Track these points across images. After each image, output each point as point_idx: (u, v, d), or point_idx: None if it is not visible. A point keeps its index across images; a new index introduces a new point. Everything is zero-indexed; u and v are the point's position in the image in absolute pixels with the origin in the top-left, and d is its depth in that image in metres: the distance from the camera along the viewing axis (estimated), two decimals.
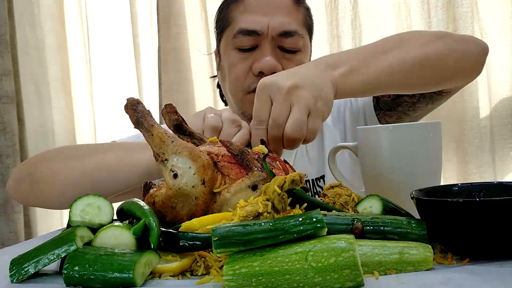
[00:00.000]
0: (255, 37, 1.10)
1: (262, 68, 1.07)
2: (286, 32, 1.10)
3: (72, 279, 0.49)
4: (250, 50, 1.11)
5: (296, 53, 1.13)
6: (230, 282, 0.46)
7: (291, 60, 1.12)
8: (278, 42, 1.11)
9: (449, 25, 1.69)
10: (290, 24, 1.11)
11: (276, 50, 1.11)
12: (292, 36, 1.11)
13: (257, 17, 1.10)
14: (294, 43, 1.11)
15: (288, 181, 0.55)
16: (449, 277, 0.47)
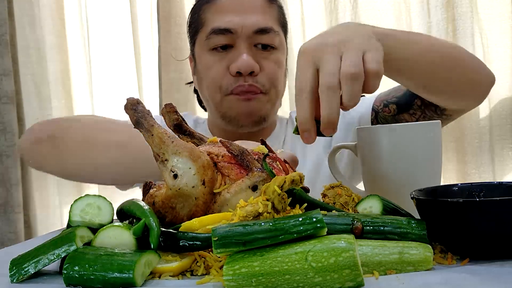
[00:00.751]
0: (229, 36, 1.08)
1: (239, 68, 1.06)
2: (262, 29, 1.08)
3: (72, 279, 0.49)
4: (226, 50, 1.09)
5: (272, 51, 1.11)
6: (230, 282, 0.46)
7: (268, 59, 1.11)
8: (253, 41, 1.09)
9: (448, 25, 1.69)
10: (265, 22, 1.09)
11: (252, 49, 1.09)
12: (268, 33, 1.09)
13: (230, 16, 1.08)
14: (270, 40, 1.10)
15: (288, 181, 0.55)
16: (449, 277, 0.47)
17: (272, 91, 1.12)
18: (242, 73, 1.06)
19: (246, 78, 1.08)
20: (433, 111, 1.05)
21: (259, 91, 1.10)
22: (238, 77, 1.08)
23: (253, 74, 1.08)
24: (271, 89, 1.12)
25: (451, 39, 1.69)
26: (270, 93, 1.12)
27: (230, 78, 1.08)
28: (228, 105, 1.11)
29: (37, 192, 1.96)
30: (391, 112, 1.11)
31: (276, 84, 1.13)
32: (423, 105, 1.05)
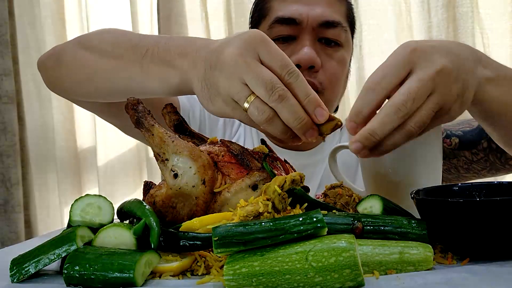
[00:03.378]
0: (293, 27, 1.00)
1: (299, 60, 0.97)
2: (329, 22, 1.00)
3: (72, 279, 0.49)
4: (287, 42, 1.01)
5: (338, 48, 1.03)
6: (231, 282, 0.46)
7: (331, 57, 1.03)
8: (318, 34, 1.01)
9: (449, 25, 1.70)
10: (332, 15, 1.01)
11: (316, 43, 1.01)
12: (334, 27, 1.01)
13: (297, 6, 1.01)
14: (336, 35, 1.02)
15: (288, 181, 0.55)
16: (449, 277, 0.47)
17: (329, 92, 1.04)
18: (301, 67, 0.98)
19: (305, 73, 0.98)
20: (497, 158, 0.98)
21: (315, 89, 0.99)
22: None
23: (313, 70, 1.00)
24: (329, 89, 1.03)
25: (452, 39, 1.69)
26: (327, 93, 1.04)
27: None
28: None
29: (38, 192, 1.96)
30: (451, 145, 1.01)
31: (335, 85, 1.05)
32: (489, 149, 0.97)
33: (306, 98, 0.59)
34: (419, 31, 1.74)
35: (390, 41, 1.76)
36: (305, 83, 0.60)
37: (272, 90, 0.58)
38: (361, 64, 1.78)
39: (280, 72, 0.60)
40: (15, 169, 1.86)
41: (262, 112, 0.59)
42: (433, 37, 1.72)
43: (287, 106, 0.58)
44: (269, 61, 0.60)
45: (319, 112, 0.59)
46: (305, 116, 0.59)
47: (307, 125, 0.59)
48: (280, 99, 0.58)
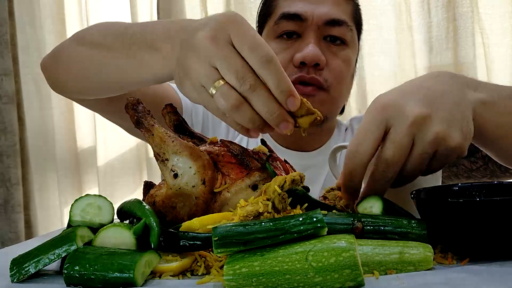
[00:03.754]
0: (298, 23, 1.00)
1: (304, 58, 0.97)
2: (334, 21, 1.00)
3: (72, 278, 0.49)
4: (292, 39, 1.01)
5: (343, 46, 1.03)
6: (231, 281, 0.46)
7: (336, 55, 1.02)
8: (324, 32, 1.01)
9: (449, 25, 1.70)
10: (338, 13, 1.02)
11: (321, 41, 1.01)
12: (340, 25, 1.01)
13: (302, 3, 1.01)
14: (342, 33, 1.02)
15: (288, 181, 0.55)
16: (449, 277, 0.47)
17: (335, 90, 1.03)
18: (306, 64, 0.98)
19: (310, 70, 0.99)
20: (497, 166, 0.97)
21: (320, 86, 1.01)
22: (302, 68, 0.99)
23: (318, 68, 1.00)
24: (334, 87, 1.03)
25: (452, 39, 1.69)
26: (332, 91, 1.03)
27: (293, 69, 1.00)
28: None
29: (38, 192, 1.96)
30: None
31: (340, 83, 1.05)
32: (488, 157, 0.94)
33: (278, 87, 0.56)
34: (419, 31, 1.74)
35: (390, 41, 1.76)
36: (277, 69, 0.56)
37: (243, 79, 0.56)
38: (361, 64, 1.78)
39: (250, 56, 0.56)
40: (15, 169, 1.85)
41: (229, 98, 0.56)
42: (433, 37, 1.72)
43: (258, 96, 0.56)
44: (239, 45, 0.57)
45: (291, 102, 0.56)
46: (278, 108, 0.56)
47: (280, 117, 0.56)
48: (251, 90, 0.56)
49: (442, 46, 1.71)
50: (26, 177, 1.93)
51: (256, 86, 0.56)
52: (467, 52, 1.67)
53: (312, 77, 0.99)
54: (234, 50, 0.57)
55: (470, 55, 1.66)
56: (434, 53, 1.72)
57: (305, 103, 0.57)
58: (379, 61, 1.77)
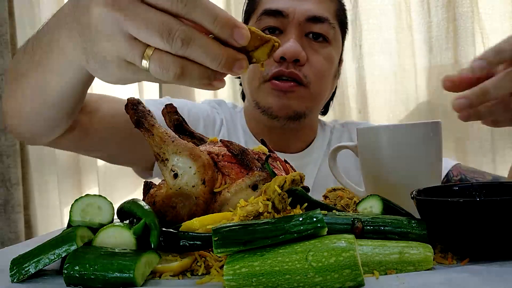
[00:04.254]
0: (280, 19, 1.00)
1: (284, 53, 0.97)
2: (316, 17, 1.01)
3: (72, 278, 0.49)
4: (275, 35, 1.01)
5: (325, 44, 1.03)
6: (231, 281, 0.46)
7: (318, 52, 1.02)
8: (305, 29, 1.01)
9: (449, 25, 1.70)
10: (320, 10, 1.02)
11: (302, 38, 1.01)
12: (322, 22, 1.01)
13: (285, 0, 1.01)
14: (324, 30, 1.02)
15: (288, 181, 0.55)
16: (449, 277, 0.47)
17: (314, 86, 1.03)
18: (286, 59, 0.98)
19: (289, 65, 0.99)
20: None
21: (300, 81, 1.00)
22: (282, 63, 0.99)
23: (298, 63, 0.99)
24: (314, 83, 1.03)
25: (452, 39, 1.69)
26: (312, 87, 1.03)
27: (273, 63, 0.99)
28: (263, 93, 1.02)
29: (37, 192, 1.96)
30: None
31: (321, 80, 1.04)
32: None
33: (215, 24, 0.46)
34: (419, 31, 1.74)
35: (390, 41, 1.76)
36: (206, 4, 0.46)
37: (170, 35, 0.45)
38: (361, 63, 1.78)
39: (165, 1, 0.46)
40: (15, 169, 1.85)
41: (168, 67, 0.46)
42: (433, 37, 1.72)
43: (197, 48, 0.46)
44: None
45: (238, 34, 0.46)
46: (223, 50, 0.47)
47: (229, 59, 0.47)
48: (185, 45, 0.45)
49: (442, 46, 1.70)
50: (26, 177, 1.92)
51: (188, 37, 0.45)
52: (467, 52, 1.67)
53: (291, 72, 0.99)
54: (142, 3, 0.46)
55: (470, 55, 1.66)
56: (434, 53, 1.72)
57: (254, 31, 0.48)
58: (379, 61, 1.77)
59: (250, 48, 0.49)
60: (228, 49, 0.47)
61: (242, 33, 0.46)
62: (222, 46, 0.47)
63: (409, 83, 1.75)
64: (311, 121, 1.13)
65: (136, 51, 0.46)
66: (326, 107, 1.23)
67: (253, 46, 0.49)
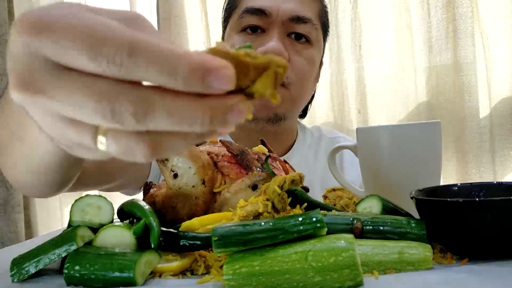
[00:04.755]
0: (262, 18, 0.99)
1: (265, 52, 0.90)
2: (299, 18, 0.99)
3: (72, 278, 0.49)
4: (256, 34, 0.99)
5: (307, 45, 1.02)
6: (230, 281, 0.46)
7: (300, 53, 1.01)
8: (288, 29, 0.99)
9: (449, 25, 1.70)
10: (303, 11, 1.00)
11: (285, 38, 0.99)
12: (305, 23, 1.00)
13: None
14: (307, 31, 1.00)
15: (288, 181, 0.55)
16: (449, 277, 0.47)
17: (295, 88, 1.01)
18: None
19: None
20: None
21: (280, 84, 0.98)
22: None
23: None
24: (295, 85, 1.01)
25: (452, 39, 1.69)
26: (292, 90, 1.01)
27: None
28: None
29: None
30: None
31: (302, 82, 1.02)
32: None
33: (175, 78, 0.28)
34: (419, 31, 1.74)
35: (390, 41, 1.76)
36: (152, 52, 0.28)
37: (115, 114, 0.28)
38: (360, 64, 1.78)
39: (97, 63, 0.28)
40: None
41: (131, 149, 0.30)
42: (432, 37, 1.72)
43: (162, 117, 0.29)
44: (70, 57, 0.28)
45: (215, 80, 0.28)
46: (203, 105, 0.29)
47: (217, 113, 0.29)
48: (141, 120, 0.28)
49: (442, 46, 1.71)
50: None
51: (142, 108, 0.28)
52: (467, 52, 1.67)
53: None
54: (64, 72, 0.29)
55: (470, 55, 1.66)
56: (434, 53, 1.72)
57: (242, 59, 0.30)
58: (378, 61, 1.78)
59: (245, 83, 0.31)
60: (209, 100, 0.29)
61: (221, 75, 0.28)
62: (200, 100, 0.29)
63: (409, 84, 1.75)
64: (290, 124, 1.11)
65: (83, 135, 0.31)
66: (304, 110, 1.21)
67: (248, 80, 0.31)
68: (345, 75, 1.79)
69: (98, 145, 0.31)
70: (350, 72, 1.79)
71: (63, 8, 0.29)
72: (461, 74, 1.68)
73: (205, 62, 0.29)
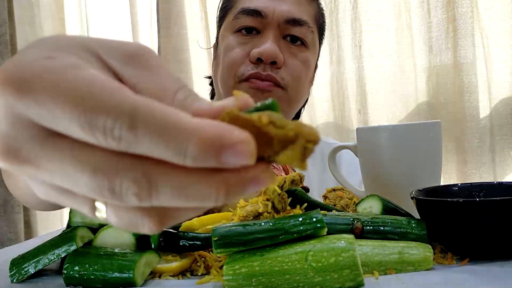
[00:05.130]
0: (258, 19, 0.98)
1: (261, 54, 0.94)
2: (295, 20, 0.98)
3: (72, 279, 0.49)
4: (251, 35, 0.99)
5: (303, 48, 1.01)
6: (230, 282, 0.46)
7: (295, 56, 1.00)
8: (284, 31, 0.99)
9: (449, 25, 1.70)
10: (300, 13, 0.99)
11: (280, 40, 0.99)
12: (301, 25, 0.99)
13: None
14: (303, 34, 0.99)
15: (288, 181, 0.55)
16: (449, 277, 0.47)
17: (292, 90, 1.00)
18: (263, 61, 0.95)
19: (266, 67, 0.96)
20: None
21: (277, 83, 0.97)
22: (258, 64, 0.96)
23: (275, 66, 0.97)
24: (291, 87, 1.00)
25: (452, 39, 1.69)
26: (290, 91, 1.00)
27: (249, 64, 0.96)
28: None
29: None
30: None
31: (298, 84, 1.01)
32: None
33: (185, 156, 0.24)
34: (419, 31, 1.74)
35: (390, 41, 1.76)
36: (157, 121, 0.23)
37: (114, 189, 0.24)
38: (361, 64, 1.78)
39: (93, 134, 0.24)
40: None
41: (135, 223, 0.27)
42: (432, 37, 1.72)
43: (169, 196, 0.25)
44: (56, 122, 0.24)
45: (233, 158, 0.24)
46: (216, 182, 0.25)
47: (234, 187, 0.25)
48: (145, 198, 0.24)
49: (442, 46, 1.70)
50: None
51: (145, 185, 0.24)
52: (467, 52, 1.67)
53: (269, 74, 0.96)
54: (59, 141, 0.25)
55: (470, 55, 1.66)
56: (434, 53, 1.72)
57: (268, 130, 0.25)
58: (378, 61, 1.77)
59: (267, 153, 0.27)
60: (225, 175, 0.25)
61: (239, 151, 0.24)
62: (213, 175, 0.25)
63: (409, 84, 1.75)
64: None
65: (80, 205, 0.28)
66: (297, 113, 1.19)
67: (271, 151, 0.26)
68: (345, 75, 1.79)
69: (96, 214, 0.28)
70: (350, 72, 1.79)
71: (48, 57, 0.25)
72: (461, 74, 1.68)
73: (220, 136, 0.24)
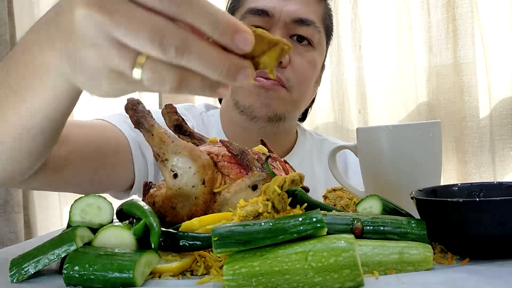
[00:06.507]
0: (265, 19, 0.98)
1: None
2: (302, 20, 0.99)
3: (72, 279, 0.49)
4: None
5: (309, 47, 1.02)
6: (230, 282, 0.46)
7: (302, 56, 1.00)
8: (291, 31, 0.99)
9: (449, 25, 1.70)
10: (307, 13, 1.00)
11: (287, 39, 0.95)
12: (308, 25, 0.99)
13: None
14: (309, 34, 1.00)
15: (288, 181, 0.55)
16: (449, 277, 0.47)
17: (296, 91, 1.01)
18: None
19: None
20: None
21: (282, 85, 0.98)
22: None
23: (281, 66, 0.98)
24: (296, 87, 1.01)
25: (451, 39, 1.69)
26: (293, 92, 1.01)
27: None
28: (244, 92, 0.99)
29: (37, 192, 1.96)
30: None
31: (303, 85, 1.02)
32: None
33: (214, 28, 0.39)
34: (419, 31, 1.74)
35: (389, 41, 1.76)
36: (203, 4, 0.39)
37: (162, 42, 0.38)
38: (361, 64, 1.78)
39: (160, 2, 0.38)
40: None
41: (163, 78, 0.39)
42: (432, 37, 1.72)
43: (194, 57, 0.39)
44: None
45: (241, 40, 0.39)
46: (224, 58, 0.40)
47: (232, 68, 0.40)
48: (180, 53, 0.38)
49: (442, 46, 1.71)
50: None
51: (183, 44, 0.38)
52: (467, 52, 1.67)
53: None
54: (131, 2, 0.38)
55: (469, 55, 1.66)
56: (434, 53, 1.72)
57: (260, 34, 0.41)
58: (378, 61, 1.78)
59: (256, 53, 0.42)
60: (230, 56, 0.40)
61: (246, 38, 0.39)
62: (224, 53, 0.40)
63: (409, 84, 1.75)
64: (289, 126, 1.11)
65: (126, 60, 0.39)
66: (304, 113, 1.20)
67: (260, 51, 0.42)
68: (345, 75, 1.79)
69: (134, 70, 0.39)
70: (350, 72, 1.79)
71: None
72: (461, 74, 1.68)
73: (238, 24, 0.39)
